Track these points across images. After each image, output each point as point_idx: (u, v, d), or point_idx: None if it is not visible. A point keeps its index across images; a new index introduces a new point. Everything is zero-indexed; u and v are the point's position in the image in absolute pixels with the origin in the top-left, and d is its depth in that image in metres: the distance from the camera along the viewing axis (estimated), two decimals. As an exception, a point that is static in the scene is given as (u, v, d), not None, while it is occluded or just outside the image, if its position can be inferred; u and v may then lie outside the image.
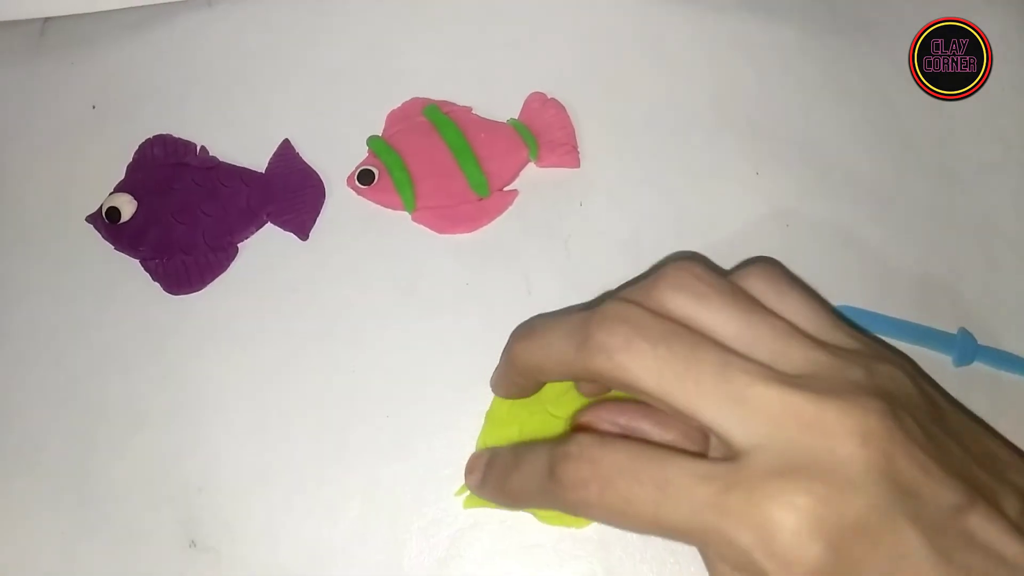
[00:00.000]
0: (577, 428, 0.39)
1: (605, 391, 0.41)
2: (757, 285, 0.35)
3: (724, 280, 0.34)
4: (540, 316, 0.42)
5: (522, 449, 0.35)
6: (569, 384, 0.43)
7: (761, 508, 0.28)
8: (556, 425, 0.43)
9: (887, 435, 0.29)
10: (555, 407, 0.43)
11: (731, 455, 0.30)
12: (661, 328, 0.32)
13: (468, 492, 0.43)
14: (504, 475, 0.36)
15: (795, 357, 0.32)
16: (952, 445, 0.32)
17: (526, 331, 0.36)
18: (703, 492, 0.29)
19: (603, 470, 0.31)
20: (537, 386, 0.39)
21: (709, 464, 0.30)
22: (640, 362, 0.31)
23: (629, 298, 0.34)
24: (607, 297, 0.35)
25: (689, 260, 0.34)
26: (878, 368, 0.32)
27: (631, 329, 0.32)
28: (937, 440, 0.31)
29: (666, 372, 0.31)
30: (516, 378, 0.38)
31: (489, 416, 0.44)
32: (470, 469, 0.39)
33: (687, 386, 0.31)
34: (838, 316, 0.36)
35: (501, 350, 0.44)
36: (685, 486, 0.29)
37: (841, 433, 0.29)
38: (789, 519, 0.28)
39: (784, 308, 0.35)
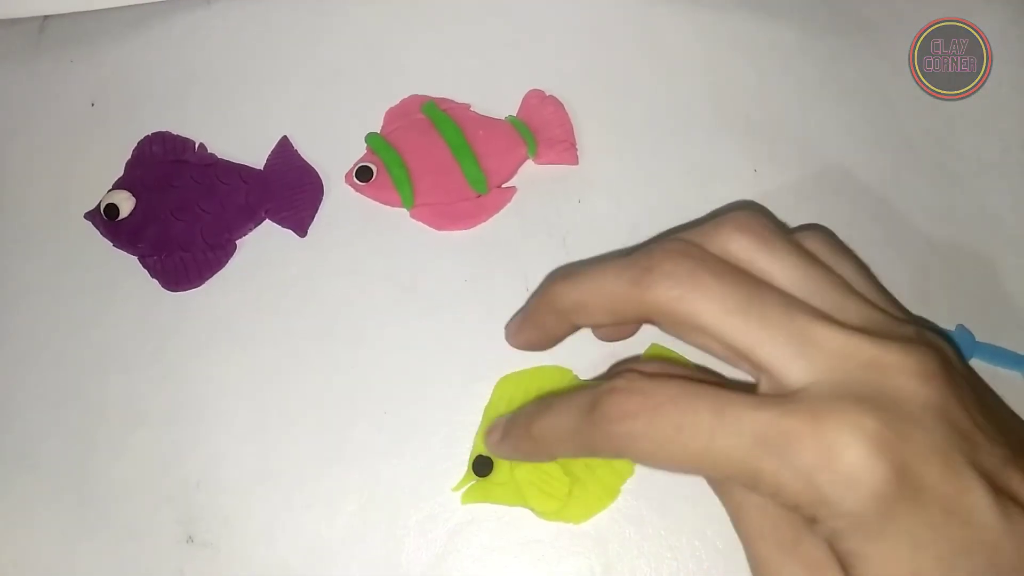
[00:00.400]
0: None
1: (627, 335, 0.40)
2: (815, 245, 0.35)
3: (786, 232, 0.33)
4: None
5: (554, 396, 0.35)
6: (568, 380, 0.43)
7: (825, 428, 0.28)
8: None
9: (947, 378, 0.29)
10: None
11: (787, 393, 0.30)
12: (724, 266, 0.32)
13: (466, 487, 0.43)
14: (531, 420, 0.35)
15: (852, 310, 0.31)
16: (991, 412, 0.31)
17: (569, 271, 0.35)
18: (763, 417, 0.28)
19: (655, 399, 0.30)
20: (568, 331, 0.37)
21: (767, 396, 0.30)
22: (703, 294, 0.31)
23: (688, 238, 0.33)
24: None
25: (752, 209, 0.34)
26: (926, 333, 0.32)
27: (695, 263, 0.31)
28: (982, 401, 0.31)
29: (729, 305, 0.30)
30: (548, 319, 0.37)
31: (488, 412, 0.44)
32: (491, 430, 0.39)
33: (750, 322, 0.30)
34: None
35: (499, 347, 0.44)
36: (744, 412, 0.29)
37: (903, 372, 0.29)
38: (855, 438, 0.27)
39: (841, 270, 0.34)
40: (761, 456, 0.28)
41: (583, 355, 0.44)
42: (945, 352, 0.31)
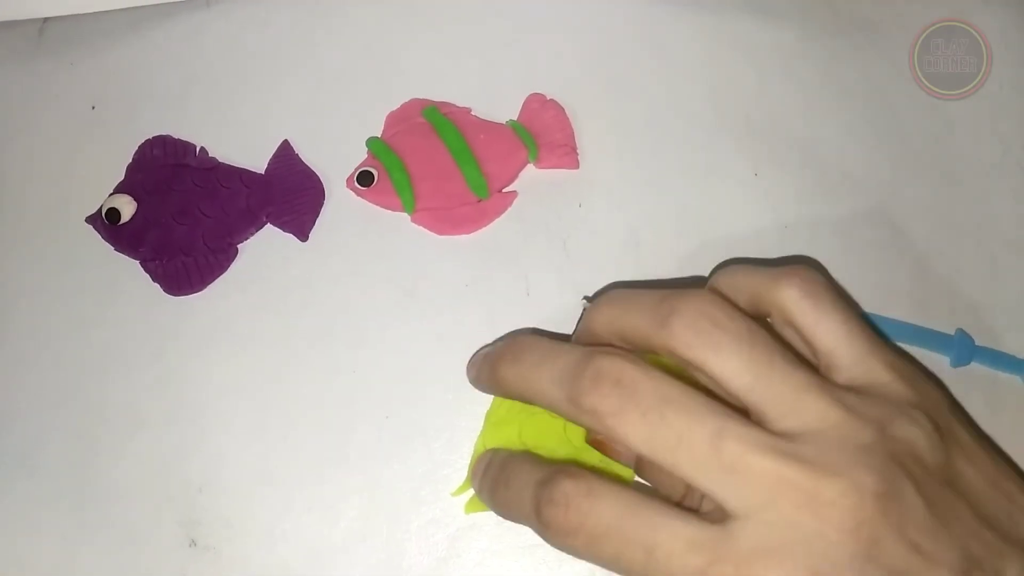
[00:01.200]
0: (592, 443, 0.40)
1: None
2: (793, 297, 0.35)
3: (743, 322, 0.33)
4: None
5: (513, 464, 0.36)
6: None
7: None
8: (555, 426, 0.43)
9: (881, 520, 0.29)
10: None
11: (723, 517, 0.30)
12: (655, 392, 0.32)
13: (468, 495, 0.43)
14: (494, 488, 0.36)
15: (806, 414, 0.31)
16: (962, 508, 0.31)
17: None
18: (692, 562, 0.29)
19: (589, 525, 0.31)
20: None
21: (699, 528, 0.30)
22: (629, 418, 0.31)
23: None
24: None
25: (709, 298, 0.33)
26: (895, 424, 0.32)
27: (626, 388, 0.32)
28: (942, 508, 0.31)
29: (656, 440, 0.31)
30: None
31: (489, 417, 0.44)
32: (475, 472, 0.39)
33: (680, 454, 0.31)
34: (875, 335, 0.35)
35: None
36: (674, 554, 0.30)
37: (834, 516, 0.29)
38: None
39: (818, 331, 0.35)
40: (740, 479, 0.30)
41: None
42: (902, 459, 0.31)
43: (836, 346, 0.34)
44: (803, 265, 0.36)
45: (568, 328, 0.45)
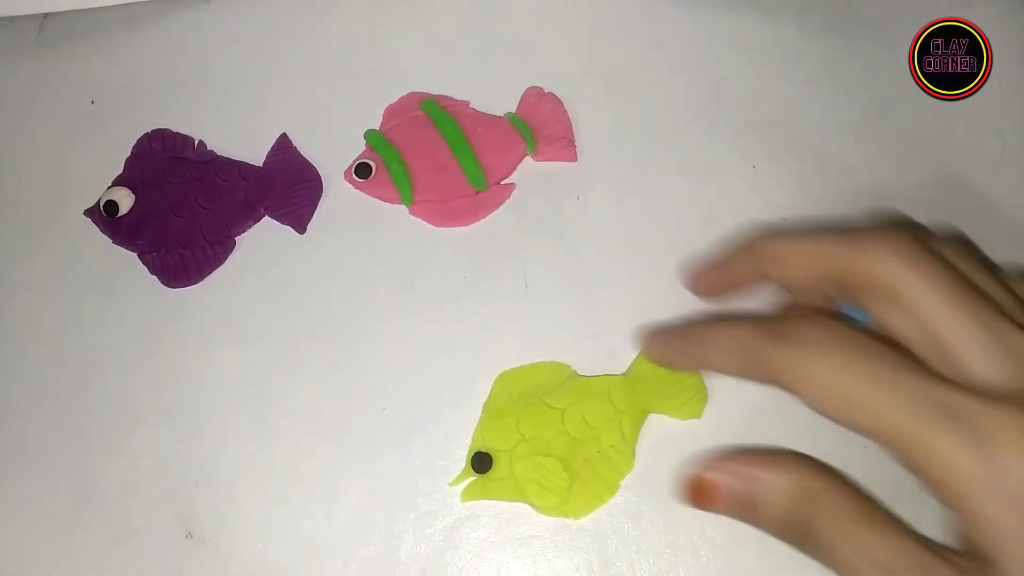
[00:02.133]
0: None
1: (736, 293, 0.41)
2: (889, 270, 0.34)
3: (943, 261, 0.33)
4: None
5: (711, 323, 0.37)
6: (567, 376, 0.44)
7: None
8: (554, 417, 0.43)
9: None
10: (553, 399, 0.43)
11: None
12: (941, 259, 0.32)
13: (464, 484, 0.43)
14: (705, 324, 0.37)
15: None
16: None
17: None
18: (954, 394, 0.29)
19: (840, 335, 0.32)
20: (751, 282, 0.39)
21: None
22: (919, 273, 0.32)
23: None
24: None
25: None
26: None
27: (916, 244, 0.32)
28: None
29: (938, 289, 0.31)
30: (742, 264, 0.39)
31: (487, 407, 0.44)
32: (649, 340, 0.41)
33: (956, 309, 0.31)
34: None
35: (498, 344, 0.44)
36: (932, 380, 0.30)
37: None
38: None
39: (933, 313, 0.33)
40: (939, 429, 0.29)
41: (581, 353, 0.45)
42: None
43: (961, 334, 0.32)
44: (888, 226, 0.34)
45: (566, 322, 0.45)
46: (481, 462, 0.42)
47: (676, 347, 0.40)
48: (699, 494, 0.36)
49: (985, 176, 0.50)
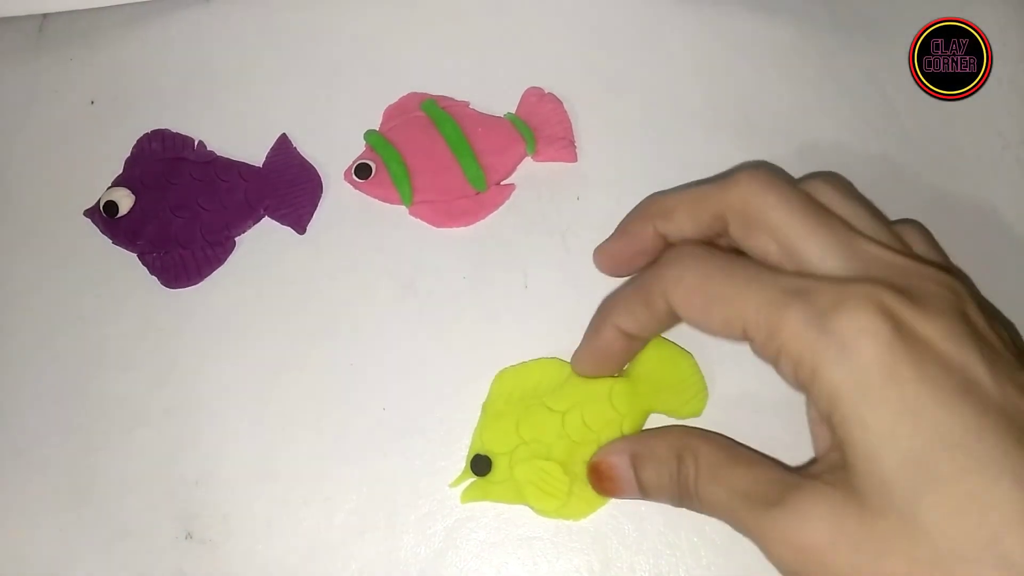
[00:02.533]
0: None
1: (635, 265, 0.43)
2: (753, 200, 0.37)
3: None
4: None
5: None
6: (566, 377, 0.43)
7: (846, 289, 0.32)
8: (554, 420, 0.42)
9: (970, 294, 0.33)
10: (552, 401, 0.43)
11: None
12: (795, 186, 0.37)
13: (464, 485, 0.43)
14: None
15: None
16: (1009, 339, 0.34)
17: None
18: (792, 278, 0.34)
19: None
20: (649, 241, 0.41)
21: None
22: (776, 198, 0.36)
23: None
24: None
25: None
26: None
27: (772, 177, 0.36)
28: (1002, 327, 0.34)
29: (796, 210, 0.35)
30: (635, 224, 0.41)
31: (486, 407, 0.44)
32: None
33: (813, 229, 0.34)
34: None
35: (498, 344, 0.44)
36: (777, 274, 0.34)
37: (932, 280, 0.33)
38: (869, 302, 0.31)
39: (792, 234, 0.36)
40: (785, 307, 0.32)
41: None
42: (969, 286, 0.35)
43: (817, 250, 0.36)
44: (752, 167, 0.38)
45: (566, 322, 0.45)
46: (480, 465, 0.42)
47: (594, 323, 0.42)
48: (600, 478, 0.40)
49: (985, 176, 0.49)
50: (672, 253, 0.38)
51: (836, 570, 0.31)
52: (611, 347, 0.41)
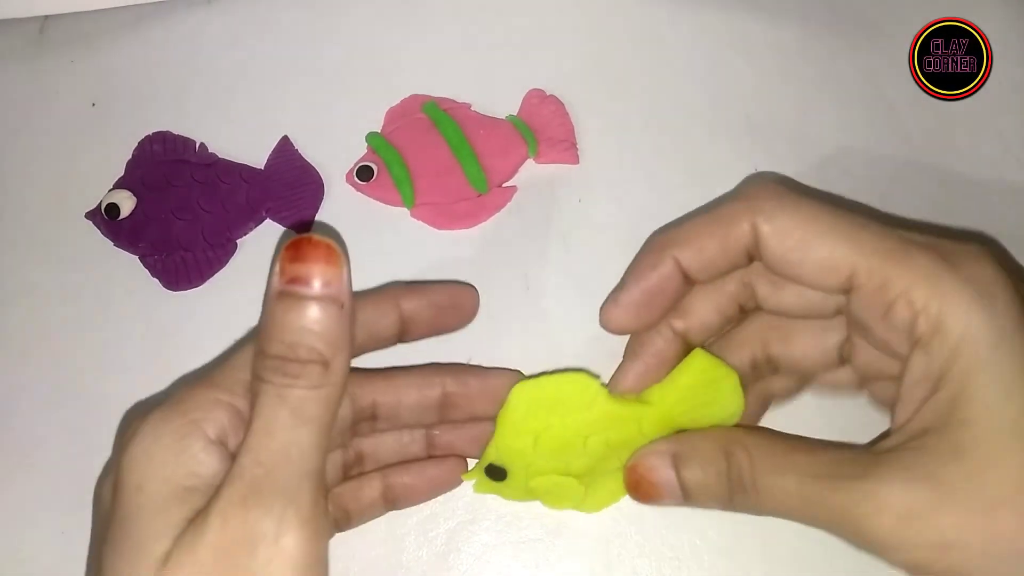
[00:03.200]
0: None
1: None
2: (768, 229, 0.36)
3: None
4: None
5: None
6: (595, 390, 0.39)
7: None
8: (575, 443, 0.39)
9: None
10: (576, 423, 0.38)
11: None
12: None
13: (475, 478, 0.41)
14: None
15: None
16: None
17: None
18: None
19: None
20: (669, 273, 0.36)
21: None
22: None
23: None
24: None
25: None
26: None
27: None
28: None
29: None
30: (649, 259, 0.37)
31: (503, 420, 0.39)
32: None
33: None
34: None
35: (499, 345, 0.44)
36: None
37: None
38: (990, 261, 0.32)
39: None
40: (907, 252, 0.32)
41: (582, 356, 0.44)
42: None
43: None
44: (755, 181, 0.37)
45: (567, 324, 0.45)
46: (494, 474, 0.40)
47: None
48: (638, 482, 0.37)
49: (985, 176, 0.50)
50: (756, 184, 0.35)
51: (942, 531, 0.29)
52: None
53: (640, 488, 0.37)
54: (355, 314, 0.33)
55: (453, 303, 0.42)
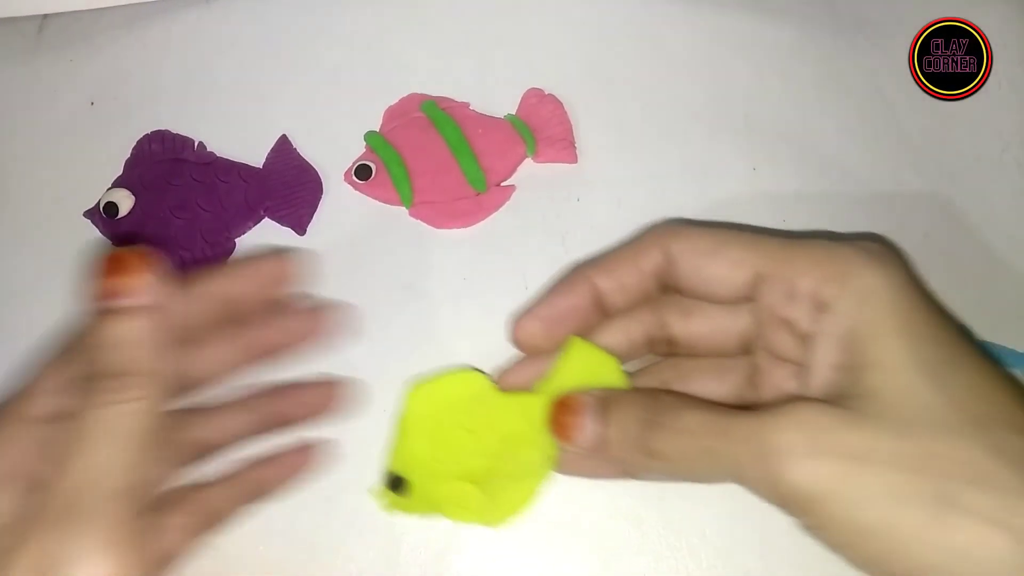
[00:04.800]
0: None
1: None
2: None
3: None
4: None
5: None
6: (479, 387, 0.42)
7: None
8: (469, 442, 0.41)
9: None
10: (467, 420, 0.42)
11: None
12: None
13: (384, 498, 0.42)
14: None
15: None
16: None
17: None
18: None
19: None
20: (587, 294, 0.39)
21: None
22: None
23: None
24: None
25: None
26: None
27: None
28: None
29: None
30: (577, 281, 0.39)
31: (401, 426, 0.42)
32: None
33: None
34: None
35: (498, 345, 0.44)
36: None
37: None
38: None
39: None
40: (801, 241, 0.35)
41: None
42: None
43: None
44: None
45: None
46: (396, 485, 0.41)
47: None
48: (563, 412, 0.37)
49: (985, 176, 0.49)
50: (664, 222, 0.39)
51: (850, 446, 0.30)
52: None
53: (563, 419, 0.37)
54: (174, 324, 0.33)
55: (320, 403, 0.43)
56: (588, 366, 0.39)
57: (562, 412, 0.37)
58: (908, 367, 0.31)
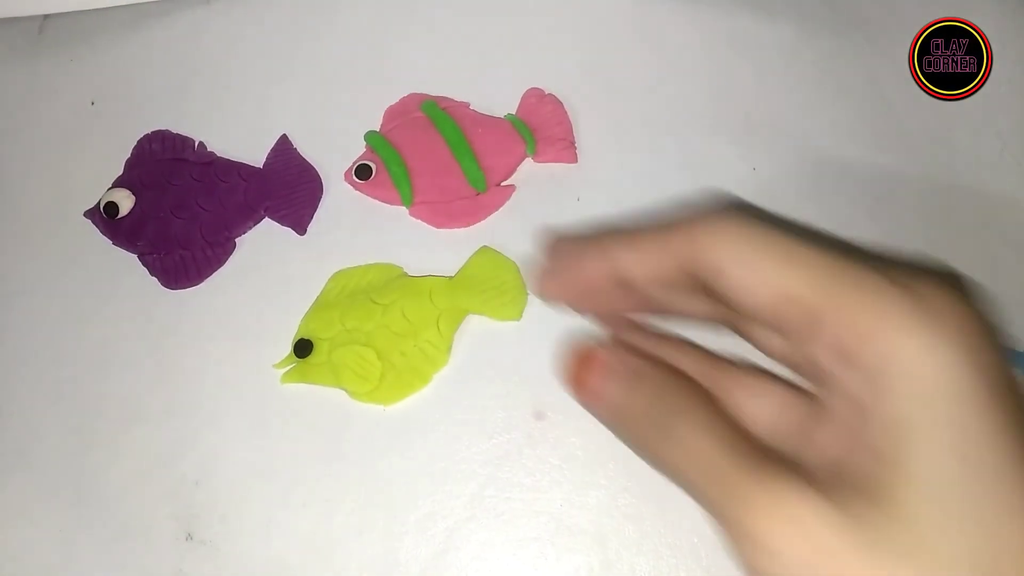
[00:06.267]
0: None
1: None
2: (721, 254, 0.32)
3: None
4: None
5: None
6: (396, 275, 0.47)
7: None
8: (376, 311, 0.45)
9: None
10: (378, 295, 0.46)
11: None
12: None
13: (287, 368, 0.45)
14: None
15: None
16: None
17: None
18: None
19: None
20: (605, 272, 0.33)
21: None
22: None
23: None
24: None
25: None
26: None
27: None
28: None
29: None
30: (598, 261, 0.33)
31: (317, 301, 0.46)
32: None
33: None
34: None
35: (498, 344, 0.45)
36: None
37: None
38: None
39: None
40: (862, 276, 0.27)
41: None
42: None
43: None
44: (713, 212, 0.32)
45: (567, 323, 0.45)
46: (302, 348, 0.45)
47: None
48: (583, 363, 0.34)
49: (985, 176, 0.49)
50: (702, 211, 0.31)
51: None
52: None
53: (580, 368, 0.34)
54: None
55: None
56: (491, 267, 0.46)
57: (580, 362, 0.34)
58: (946, 487, 0.25)
